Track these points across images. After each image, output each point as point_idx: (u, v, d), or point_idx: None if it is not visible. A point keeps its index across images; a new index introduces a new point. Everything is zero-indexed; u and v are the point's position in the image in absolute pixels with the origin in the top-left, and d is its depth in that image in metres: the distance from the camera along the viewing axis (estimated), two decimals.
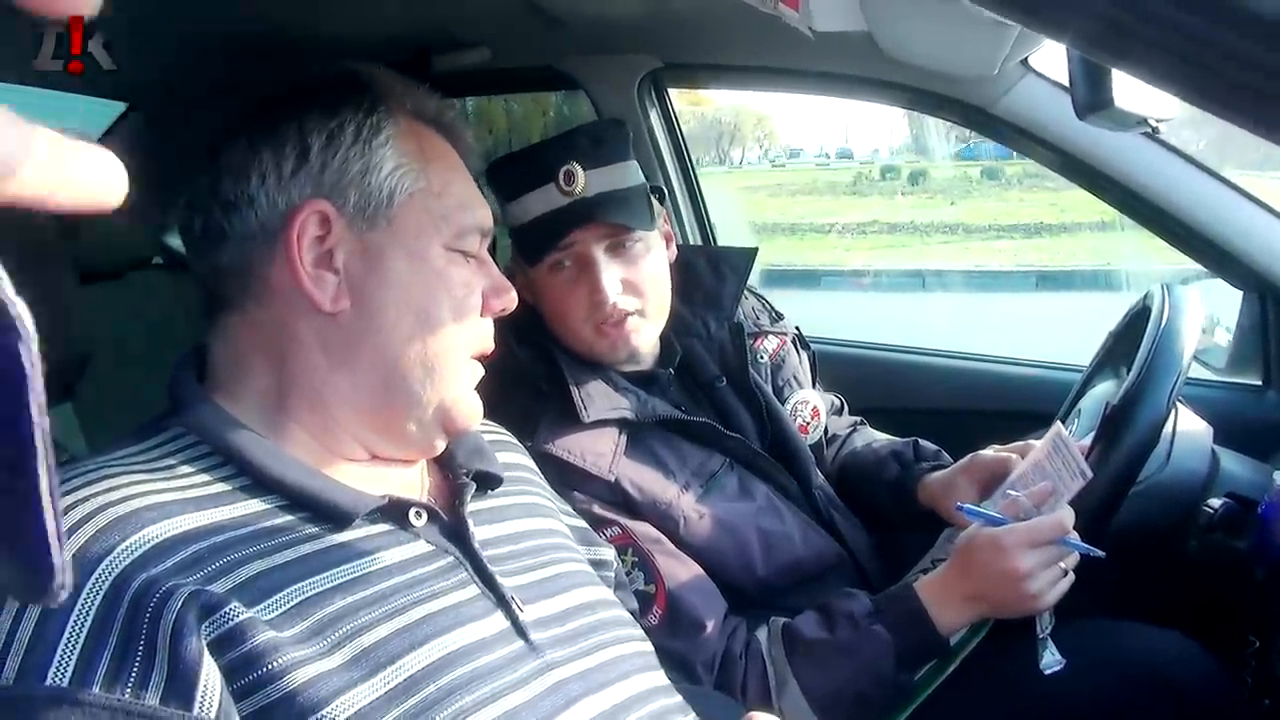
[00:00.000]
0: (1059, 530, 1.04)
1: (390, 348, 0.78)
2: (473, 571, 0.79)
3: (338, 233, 0.77)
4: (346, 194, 0.77)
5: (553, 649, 0.79)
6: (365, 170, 0.78)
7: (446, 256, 0.81)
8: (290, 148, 0.77)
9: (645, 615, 1.11)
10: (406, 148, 0.81)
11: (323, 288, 0.76)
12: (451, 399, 0.81)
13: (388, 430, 0.81)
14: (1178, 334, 1.13)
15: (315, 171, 0.77)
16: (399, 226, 0.79)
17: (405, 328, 0.78)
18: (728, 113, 21.01)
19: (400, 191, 0.79)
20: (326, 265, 0.77)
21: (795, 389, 1.44)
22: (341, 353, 0.78)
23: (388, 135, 0.80)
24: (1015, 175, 14.39)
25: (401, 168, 0.79)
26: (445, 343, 0.80)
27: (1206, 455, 1.30)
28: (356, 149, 0.78)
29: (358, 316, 0.77)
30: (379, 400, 0.79)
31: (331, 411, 0.79)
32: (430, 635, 0.72)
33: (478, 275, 0.84)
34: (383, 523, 0.77)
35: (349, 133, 0.78)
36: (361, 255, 0.78)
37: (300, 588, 0.68)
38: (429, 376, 0.79)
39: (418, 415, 0.80)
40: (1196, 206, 1.46)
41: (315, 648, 0.66)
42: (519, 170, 1.25)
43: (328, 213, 0.76)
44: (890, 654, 1.09)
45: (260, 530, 0.70)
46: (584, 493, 1.15)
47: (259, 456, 0.74)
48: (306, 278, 0.76)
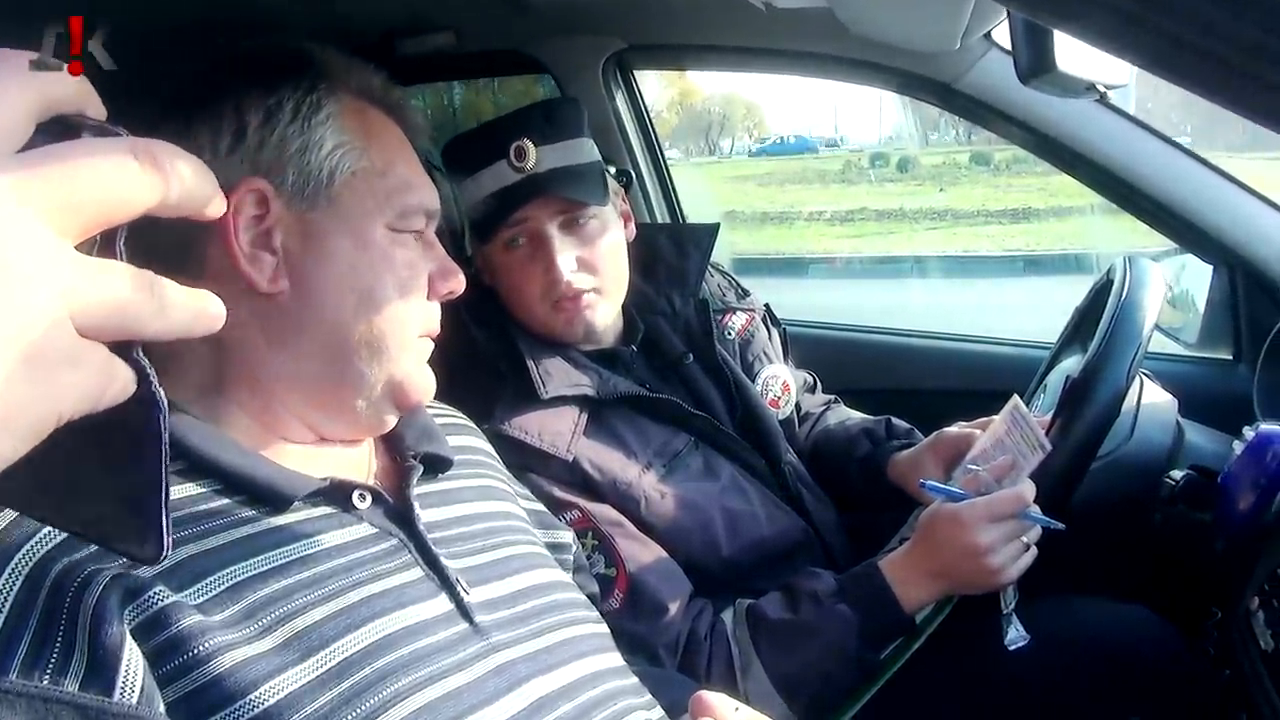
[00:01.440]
0: (1018, 504, 1.03)
1: (332, 328, 0.77)
2: (417, 554, 0.78)
3: (276, 212, 0.75)
4: (285, 173, 0.76)
5: (499, 631, 0.79)
6: (304, 149, 0.76)
7: (390, 237, 0.79)
8: (227, 125, 0.76)
9: (606, 599, 1.10)
10: (349, 126, 0.79)
11: (260, 268, 0.75)
12: (401, 375, 0.80)
13: (335, 409, 0.80)
14: (1138, 306, 1.12)
15: (252, 150, 0.75)
16: (340, 206, 0.77)
17: (348, 308, 0.77)
18: (717, 102, 20.96)
19: (341, 170, 0.77)
20: (264, 245, 0.75)
21: (765, 364, 1.44)
22: (282, 334, 0.77)
23: (329, 113, 0.78)
24: (1004, 161, 14.43)
25: (342, 146, 0.78)
26: (390, 322, 0.78)
27: (1171, 428, 1.29)
28: (295, 127, 0.76)
29: (297, 297, 0.76)
30: (324, 381, 0.78)
31: (273, 393, 0.78)
32: (368, 617, 0.71)
33: (424, 258, 0.82)
34: (324, 505, 0.76)
35: (288, 110, 0.77)
36: (300, 235, 0.76)
37: (232, 571, 0.67)
38: (374, 356, 0.78)
39: (366, 394, 0.80)
40: (1165, 181, 1.45)
41: (245, 631, 0.65)
42: (471, 148, 1.24)
43: (265, 192, 0.75)
44: (855, 633, 1.08)
45: (194, 514, 0.70)
46: (541, 474, 1.14)
47: (194, 440, 0.72)
48: (243, 258, 0.74)
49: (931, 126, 17.88)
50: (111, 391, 0.33)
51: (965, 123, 3.73)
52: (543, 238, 1.21)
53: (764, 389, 1.41)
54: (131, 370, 0.35)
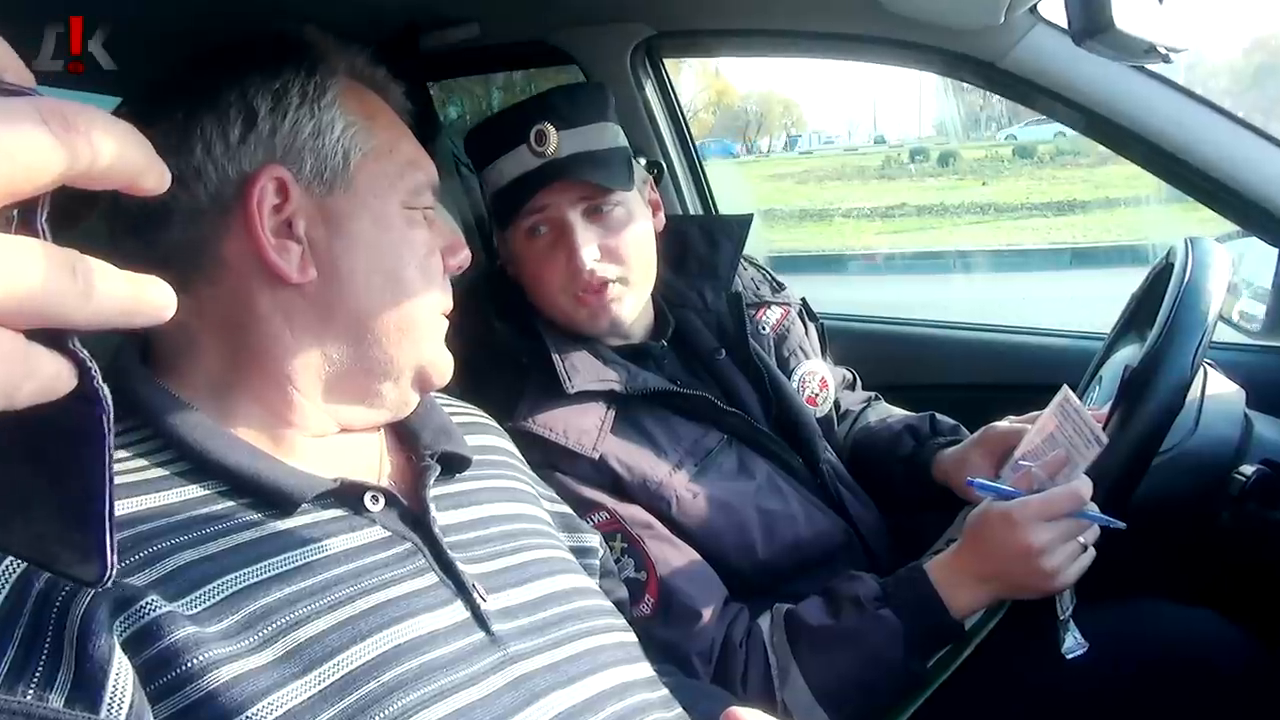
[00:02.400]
0: (1075, 501, 0.97)
1: (363, 314, 0.76)
2: (432, 559, 0.75)
3: (296, 200, 0.73)
4: (302, 158, 0.74)
5: (517, 640, 0.74)
6: (317, 132, 0.74)
7: (406, 216, 0.78)
8: (235, 112, 0.73)
9: (637, 604, 1.06)
10: (351, 107, 0.77)
11: (287, 259, 0.73)
12: (428, 358, 0.80)
13: (361, 396, 0.78)
14: (1202, 289, 1.05)
15: (265, 136, 0.73)
16: (358, 189, 0.76)
17: (375, 292, 0.76)
18: (754, 101, 20.96)
19: (355, 152, 0.76)
20: (287, 234, 0.73)
21: (801, 360, 1.38)
22: (309, 324, 0.74)
23: (333, 95, 0.76)
24: (1048, 153, 14.24)
25: (351, 127, 0.76)
26: (416, 303, 0.78)
27: (1239, 420, 1.21)
28: (305, 110, 0.75)
29: (325, 285, 0.74)
30: (352, 367, 0.77)
31: (296, 384, 0.75)
32: (376, 628, 0.67)
33: (433, 234, 0.82)
34: (335, 508, 0.73)
35: (294, 94, 0.75)
36: (323, 222, 0.74)
37: (232, 579, 0.64)
38: (404, 338, 0.77)
39: (394, 377, 0.79)
40: (1226, 159, 1.36)
41: (243, 644, 0.62)
42: (492, 134, 1.20)
43: (285, 179, 0.73)
44: (899, 640, 1.02)
45: (195, 518, 0.66)
46: (568, 473, 1.10)
47: (201, 439, 0.70)
48: (270, 249, 0.72)
49: (972, 123, 17.74)
50: (29, 388, 0.29)
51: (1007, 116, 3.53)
52: (564, 225, 1.17)
53: (800, 386, 1.36)
54: (66, 363, 0.30)
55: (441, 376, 0.82)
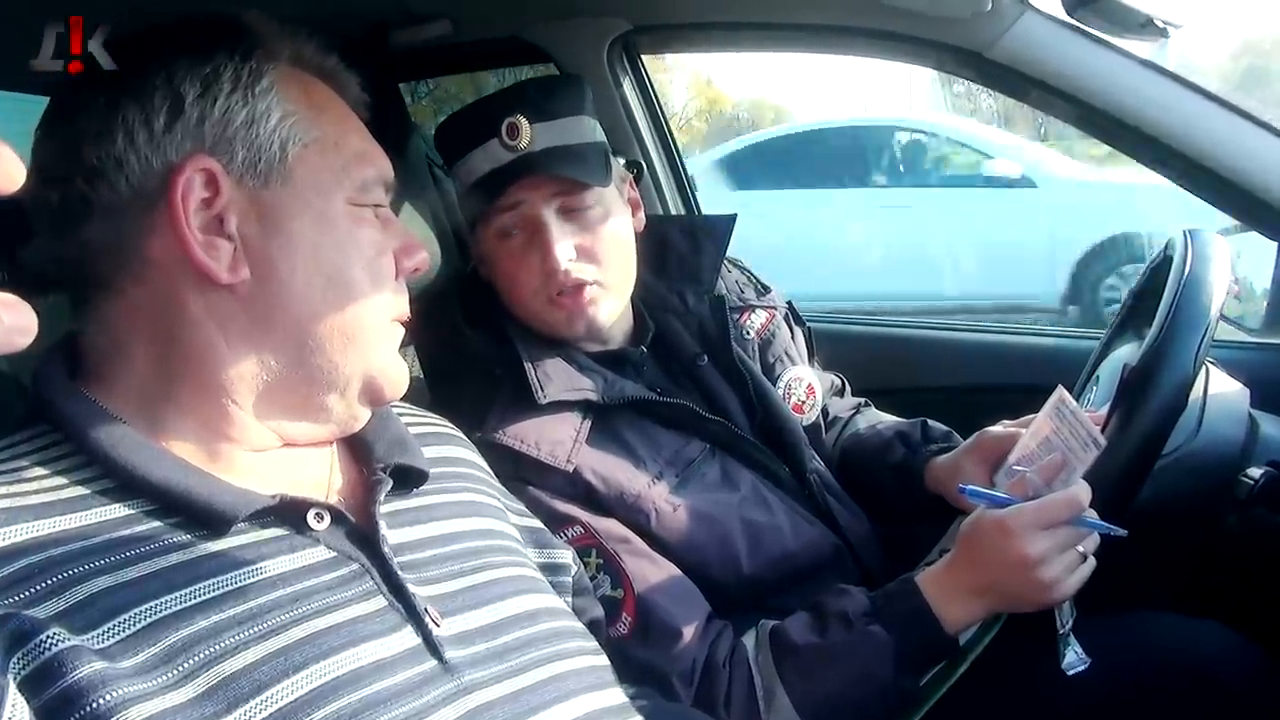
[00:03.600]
0: (1073, 508, 0.92)
1: (301, 318, 0.70)
2: (380, 580, 0.69)
3: (227, 193, 0.67)
4: (233, 148, 0.68)
5: (474, 668, 0.69)
6: (250, 121, 0.69)
7: (353, 214, 0.73)
8: (160, 98, 0.67)
9: (614, 623, 1.01)
10: (292, 95, 0.72)
11: (216, 257, 0.67)
12: (378, 368, 0.74)
13: (304, 409, 0.72)
14: (1203, 284, 1.00)
15: (193, 124, 0.67)
16: (296, 183, 0.70)
17: (316, 295, 0.70)
18: (745, 108, 21.08)
19: (293, 143, 0.71)
20: (218, 231, 0.67)
21: (787, 366, 1.33)
22: (244, 329, 0.69)
23: (271, 82, 0.71)
24: None
25: (291, 117, 0.71)
26: (363, 307, 0.72)
27: (1243, 420, 1.17)
28: (237, 97, 0.69)
29: (260, 287, 0.68)
30: (293, 377, 0.70)
31: (233, 395, 0.69)
32: (314, 658, 0.61)
33: (385, 234, 0.76)
34: (275, 527, 0.67)
35: (226, 80, 0.69)
36: (257, 218, 0.69)
37: (151, 607, 0.58)
38: (349, 346, 0.72)
39: (339, 388, 0.73)
40: (1224, 150, 1.31)
41: (160, 679, 0.56)
42: (463, 127, 1.15)
43: (213, 170, 0.67)
44: (890, 657, 0.97)
45: (115, 540, 0.61)
46: (540, 487, 1.04)
47: (126, 454, 0.64)
48: (197, 246, 0.66)
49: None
50: None
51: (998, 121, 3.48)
52: (538, 224, 1.11)
53: (786, 392, 1.31)
54: None
55: (393, 388, 0.76)
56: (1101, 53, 1.29)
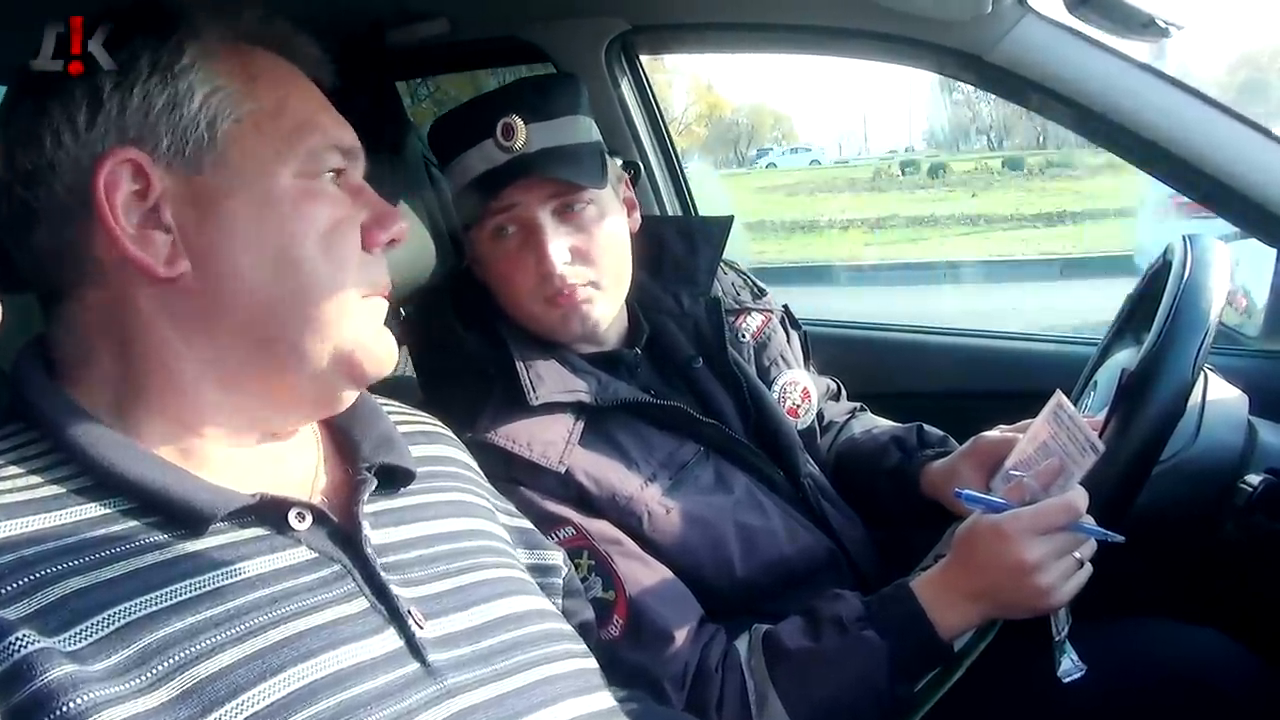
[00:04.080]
0: (1069, 513, 0.90)
1: (251, 304, 0.67)
2: (363, 582, 0.68)
3: (159, 183, 0.65)
4: (157, 135, 0.65)
5: (457, 672, 0.67)
6: (173, 103, 0.66)
7: (301, 186, 0.69)
8: (80, 94, 0.65)
9: (605, 626, 0.99)
10: (224, 69, 0.68)
11: (152, 250, 0.65)
12: (350, 343, 0.70)
13: (276, 395, 0.70)
14: (1202, 289, 0.99)
15: (113, 116, 0.65)
16: (230, 162, 0.67)
17: (264, 278, 0.67)
18: (745, 114, 21.12)
19: (222, 120, 0.67)
20: (155, 223, 0.65)
21: (783, 369, 1.32)
22: (195, 322, 0.66)
23: (193, 58, 0.67)
24: (1038, 165, 14.32)
25: (218, 93, 0.67)
26: (321, 286, 0.68)
27: (1242, 427, 1.16)
28: (156, 80, 0.66)
29: (203, 277, 0.66)
30: (256, 367, 0.68)
31: (198, 391, 0.67)
32: (290, 661, 0.60)
33: (352, 205, 0.72)
34: (255, 526, 0.66)
35: (143, 64, 0.66)
36: (193, 205, 0.66)
37: (125, 609, 0.57)
38: (309, 327, 0.68)
39: (310, 370, 0.70)
40: (1225, 156, 1.30)
41: (133, 682, 0.55)
42: (456, 127, 1.14)
43: (139, 161, 0.65)
44: (885, 663, 0.96)
45: (90, 540, 0.59)
46: (531, 487, 1.03)
47: (102, 451, 0.63)
48: (129, 241, 0.64)
49: (962, 134, 17.89)
50: None
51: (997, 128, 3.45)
52: (533, 225, 1.10)
53: (781, 396, 1.30)
54: None
55: (375, 364, 0.73)
56: (1102, 57, 1.29)
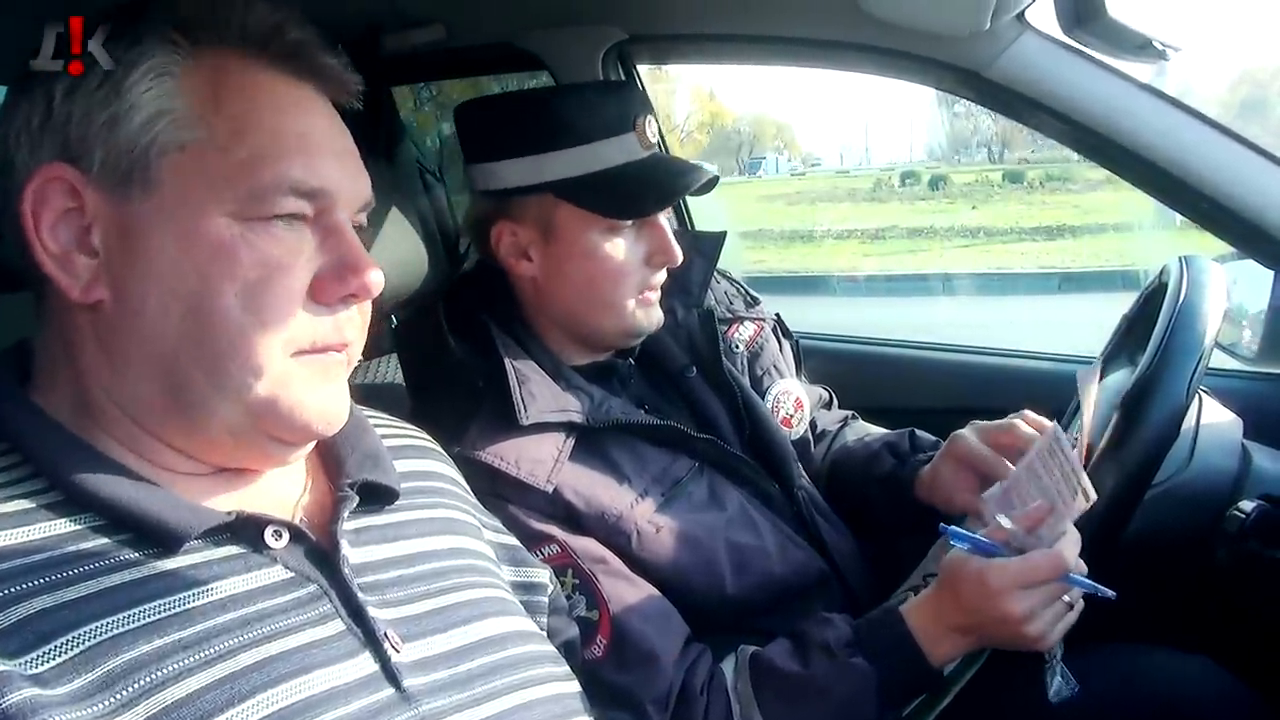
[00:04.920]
0: (1056, 569, 0.88)
1: (158, 348, 0.62)
2: (339, 603, 0.66)
3: (92, 204, 0.62)
4: (92, 154, 0.61)
5: (432, 697, 0.66)
6: (113, 121, 0.61)
7: (237, 230, 0.62)
8: (39, 97, 0.63)
9: (588, 646, 0.97)
10: (185, 86, 0.63)
11: (72, 273, 0.62)
12: (264, 404, 0.64)
13: (202, 440, 0.66)
14: (1198, 310, 0.98)
15: (59, 127, 0.62)
16: (162, 193, 0.62)
17: (172, 323, 0.62)
18: (747, 123, 21.16)
19: (160, 146, 0.62)
20: (85, 246, 0.62)
21: (775, 379, 1.32)
22: (115, 350, 0.63)
23: (147, 72, 0.62)
24: (1037, 178, 14.33)
25: (165, 115, 0.62)
26: (232, 340, 0.62)
27: (1236, 451, 1.15)
28: (103, 94, 0.62)
29: (117, 309, 0.62)
30: (168, 408, 0.64)
31: (134, 417, 0.65)
32: (262, 685, 0.58)
33: (306, 252, 0.65)
34: (230, 545, 0.64)
35: (96, 73, 0.62)
36: (119, 232, 0.62)
37: (92, 630, 0.55)
38: (215, 382, 0.63)
39: (223, 425, 0.64)
40: (1222, 176, 1.30)
41: (98, 707, 0.53)
42: (591, 109, 1.12)
43: (70, 179, 0.62)
44: (873, 689, 0.94)
45: (58, 557, 0.58)
46: (517, 504, 1.01)
47: (72, 466, 0.61)
48: (48, 260, 0.62)
49: (962, 146, 17.89)
50: None
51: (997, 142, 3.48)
52: (654, 219, 1.13)
53: (775, 406, 1.29)
54: None
55: (303, 426, 0.66)
56: (1100, 75, 1.28)
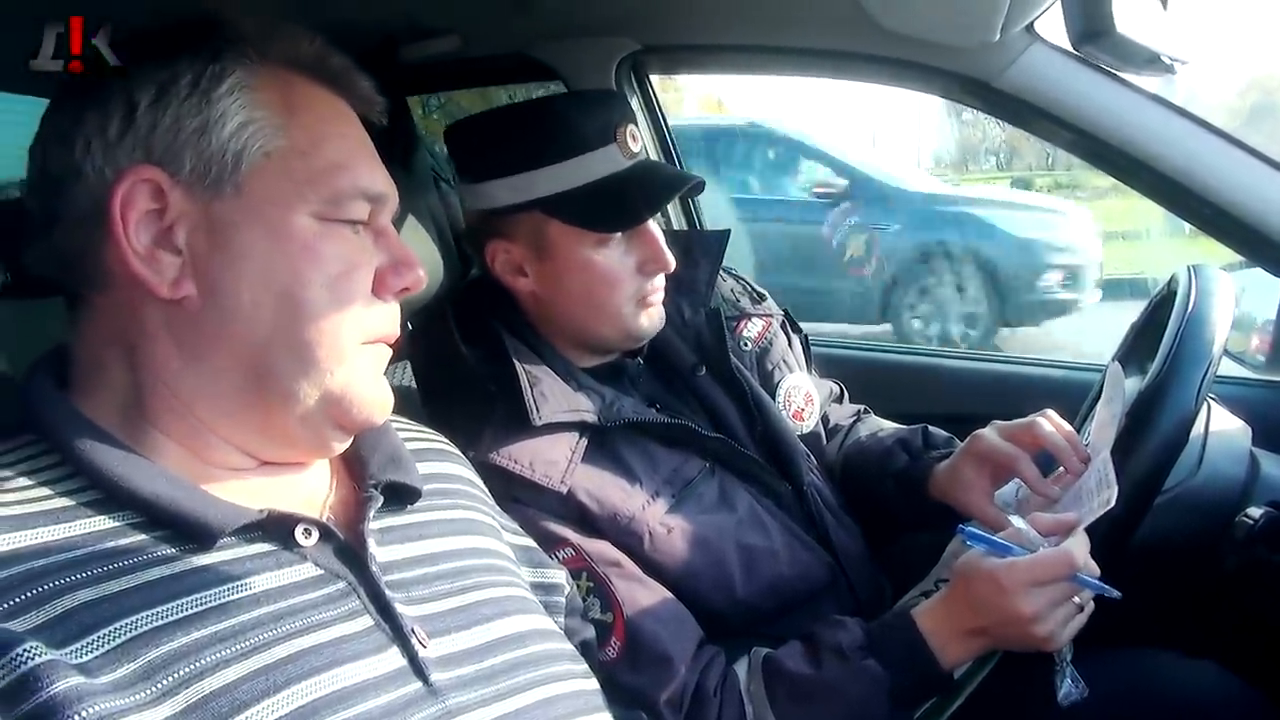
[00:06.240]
0: (1067, 567, 0.90)
1: (250, 337, 0.67)
2: (368, 599, 0.68)
3: (176, 205, 0.65)
4: (181, 158, 0.65)
5: (459, 691, 0.68)
6: (203, 128, 0.65)
7: (318, 228, 0.68)
8: (116, 106, 0.65)
9: (603, 647, 0.99)
10: (263, 100, 0.68)
11: (159, 271, 0.65)
12: (339, 389, 0.69)
13: (267, 429, 0.70)
14: (1206, 319, 0.99)
15: (143, 133, 0.65)
16: (251, 194, 0.66)
17: (266, 314, 0.66)
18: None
19: (250, 152, 0.67)
20: (168, 244, 0.65)
21: (785, 373, 1.32)
22: (195, 345, 0.67)
23: (234, 85, 0.67)
24: (1046, 187, 14.31)
25: (253, 124, 0.67)
26: (319, 328, 0.68)
27: (1244, 459, 1.16)
28: (192, 103, 0.66)
29: (206, 303, 0.66)
30: (248, 397, 0.68)
31: (196, 413, 0.67)
32: (295, 677, 0.60)
33: (369, 250, 0.72)
34: (262, 542, 0.66)
35: (183, 85, 0.66)
36: (206, 231, 0.66)
37: (132, 622, 0.57)
38: (302, 368, 0.68)
39: (299, 411, 0.69)
40: (1231, 185, 1.30)
41: (139, 695, 0.55)
42: (571, 124, 1.10)
43: (159, 181, 0.65)
44: (884, 693, 0.96)
45: (98, 552, 0.60)
46: (532, 506, 1.03)
47: (111, 465, 0.63)
48: (136, 259, 0.64)
49: (971, 155, 17.87)
50: None
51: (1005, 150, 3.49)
52: (644, 226, 1.13)
53: (785, 400, 1.30)
54: None
55: (365, 412, 0.72)
56: (1109, 85, 1.29)
